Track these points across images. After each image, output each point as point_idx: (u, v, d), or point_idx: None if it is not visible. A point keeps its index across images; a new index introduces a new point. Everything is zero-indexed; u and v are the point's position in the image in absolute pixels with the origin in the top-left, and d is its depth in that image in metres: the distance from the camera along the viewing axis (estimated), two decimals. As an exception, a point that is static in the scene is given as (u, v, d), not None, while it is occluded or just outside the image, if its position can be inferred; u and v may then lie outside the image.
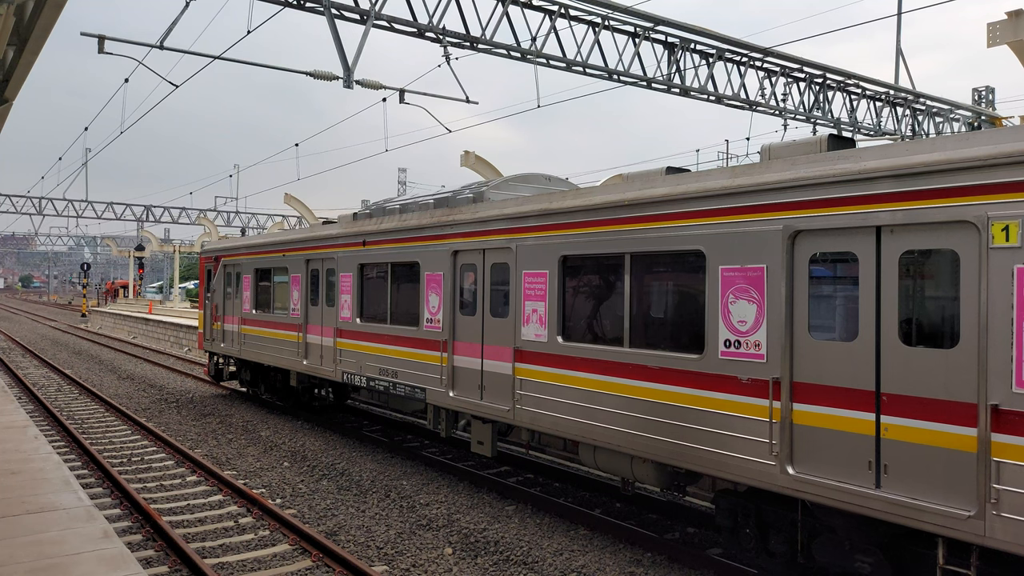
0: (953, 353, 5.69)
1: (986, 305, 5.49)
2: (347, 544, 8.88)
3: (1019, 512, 5.32)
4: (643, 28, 17.67)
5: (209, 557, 8.41)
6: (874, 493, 6.06)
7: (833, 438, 6.38)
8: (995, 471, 5.46)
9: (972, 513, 5.53)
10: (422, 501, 10.53)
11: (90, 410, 17.64)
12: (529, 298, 9.52)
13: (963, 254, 5.67)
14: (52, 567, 5.88)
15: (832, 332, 6.47)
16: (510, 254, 9.85)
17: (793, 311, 6.70)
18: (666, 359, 7.73)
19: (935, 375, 5.80)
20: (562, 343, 9.01)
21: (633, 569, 8.12)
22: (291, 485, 11.43)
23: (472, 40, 15.29)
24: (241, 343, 17.42)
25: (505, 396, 9.83)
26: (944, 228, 5.78)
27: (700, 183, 7.51)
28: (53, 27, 8.38)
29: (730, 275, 7.20)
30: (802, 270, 6.66)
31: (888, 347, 6.07)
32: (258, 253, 16.81)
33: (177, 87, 14.49)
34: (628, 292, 8.23)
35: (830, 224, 6.40)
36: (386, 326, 12.28)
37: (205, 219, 54.69)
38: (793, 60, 20.44)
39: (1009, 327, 5.38)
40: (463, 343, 10.64)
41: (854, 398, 6.27)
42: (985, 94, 25.54)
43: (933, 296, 5.96)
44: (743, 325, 7.07)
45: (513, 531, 9.30)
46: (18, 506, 7.36)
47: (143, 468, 12.37)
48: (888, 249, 6.10)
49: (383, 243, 12.43)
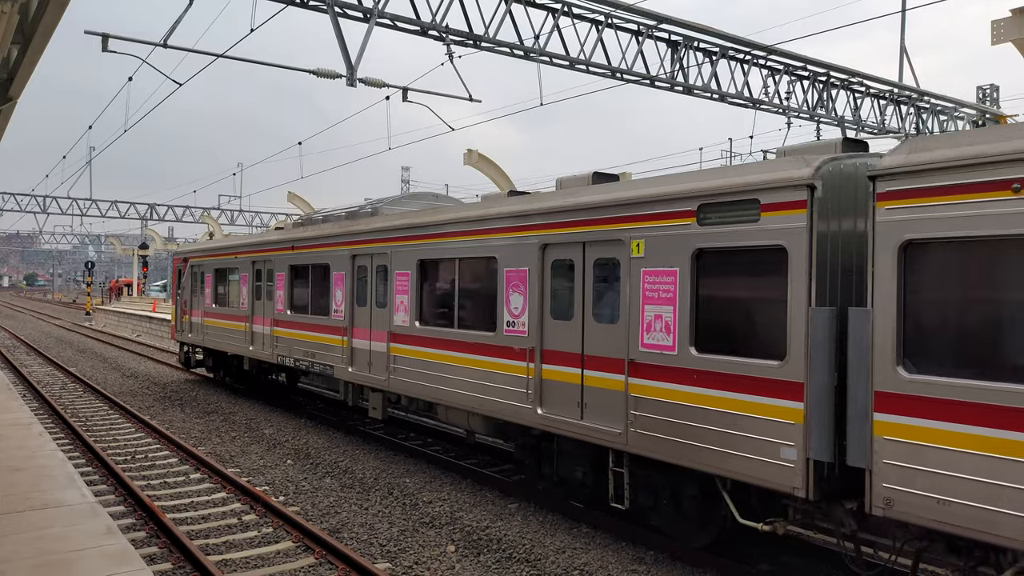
0: (617, 327, 8.35)
1: (628, 295, 8.19)
2: (350, 541, 8.90)
3: (645, 429, 7.98)
4: (646, 26, 17.65)
5: (213, 554, 8.43)
6: (580, 423, 8.77)
7: (563, 387, 9.07)
8: (632, 403, 8.11)
9: (620, 431, 8.23)
10: (425, 499, 10.54)
11: (94, 407, 17.69)
12: (399, 292, 12.04)
13: (621, 261, 8.32)
14: (56, 563, 5.90)
15: (562, 315, 9.10)
16: (387, 258, 12.36)
17: (542, 300, 9.36)
18: (477, 336, 10.39)
19: (609, 342, 8.45)
20: (419, 327, 11.54)
21: (635, 567, 8.13)
22: (294, 483, 11.46)
23: (475, 38, 15.29)
24: (204, 333, 19.95)
25: (383, 369, 12.32)
26: (613, 244, 8.46)
27: (496, 208, 10.26)
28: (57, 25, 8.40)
29: (510, 274, 9.85)
30: (547, 272, 9.34)
31: (587, 324, 8.75)
32: (217, 255, 19.39)
33: (181, 85, 14.52)
34: (457, 286, 10.91)
35: (561, 240, 9.09)
36: (307, 316, 14.79)
37: (209, 217, 54.75)
38: (797, 58, 20.41)
39: (639, 309, 8.08)
40: (359, 329, 13.08)
41: (572, 359, 8.96)
42: (990, 92, 25.47)
43: (609, 290, 8.54)
44: (516, 310, 9.73)
45: (516, 529, 9.31)
46: (22, 502, 7.39)
47: (147, 465, 12.40)
48: (588, 258, 8.79)
49: (305, 248, 14.96)
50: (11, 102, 11.63)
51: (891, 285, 6.04)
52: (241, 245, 18.07)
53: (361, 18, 14.00)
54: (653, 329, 7.94)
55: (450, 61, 14.89)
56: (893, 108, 23.46)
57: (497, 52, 15.95)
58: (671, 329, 7.75)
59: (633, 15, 17.14)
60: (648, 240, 8.01)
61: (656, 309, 7.91)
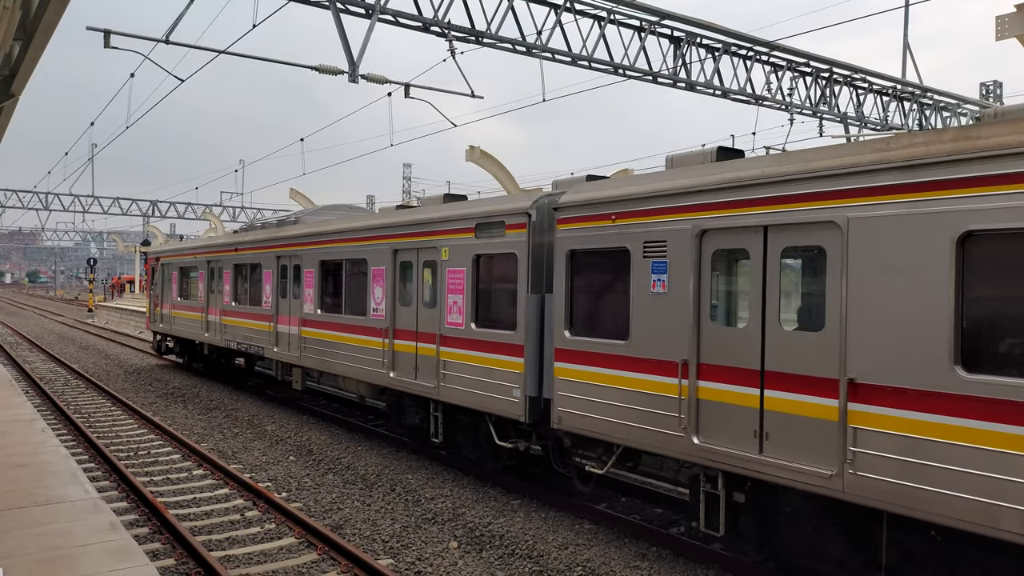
0: (435, 310, 11.13)
1: (440, 287, 10.96)
2: (353, 538, 8.90)
3: (448, 383, 10.80)
4: (649, 22, 17.61)
5: (216, 550, 8.44)
6: (415, 382, 11.50)
7: (406, 356, 11.85)
8: (442, 365, 10.91)
9: (434, 386, 11.10)
10: (427, 495, 10.55)
11: (96, 404, 17.71)
12: (307, 286, 14.88)
13: (438, 263, 11.10)
14: (59, 559, 5.90)
15: (406, 302, 11.91)
16: (300, 259, 15.21)
17: (394, 291, 12.11)
18: (355, 320, 13.20)
19: (430, 321, 11.24)
20: (320, 314, 14.40)
21: (638, 563, 8.13)
22: (297, 479, 11.46)
23: (477, 34, 15.26)
24: (172, 323, 23.11)
25: (297, 348, 15.24)
26: (433, 250, 11.21)
27: (366, 222, 13.11)
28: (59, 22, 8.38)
29: (375, 272, 12.62)
30: (397, 270, 12.06)
31: (419, 309, 11.58)
32: (181, 255, 22.59)
33: (183, 81, 14.52)
34: (344, 281, 13.67)
35: (406, 246, 11.82)
36: (246, 307, 17.74)
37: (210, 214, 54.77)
38: (799, 54, 20.35)
39: (445, 297, 10.85)
40: (282, 316, 16.02)
41: (411, 335, 11.75)
42: (993, 88, 25.40)
43: (430, 283, 11.32)
44: (378, 299, 12.53)
45: (518, 525, 9.31)
46: (25, 498, 7.40)
47: (150, 462, 12.42)
48: (420, 259, 11.58)
49: (245, 250, 17.90)
50: (13, 99, 11.61)
51: (563, 279, 8.98)
52: (199, 247, 21.30)
53: (363, 14, 13.98)
54: (453, 311, 10.79)
55: (452, 57, 14.86)
56: (896, 104, 23.39)
57: (499, 48, 15.92)
58: (462, 311, 10.57)
59: (635, 11, 17.11)
60: (451, 248, 10.82)
61: (454, 297, 10.76)
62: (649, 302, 7.91)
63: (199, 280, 20.77)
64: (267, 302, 16.52)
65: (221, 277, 19.24)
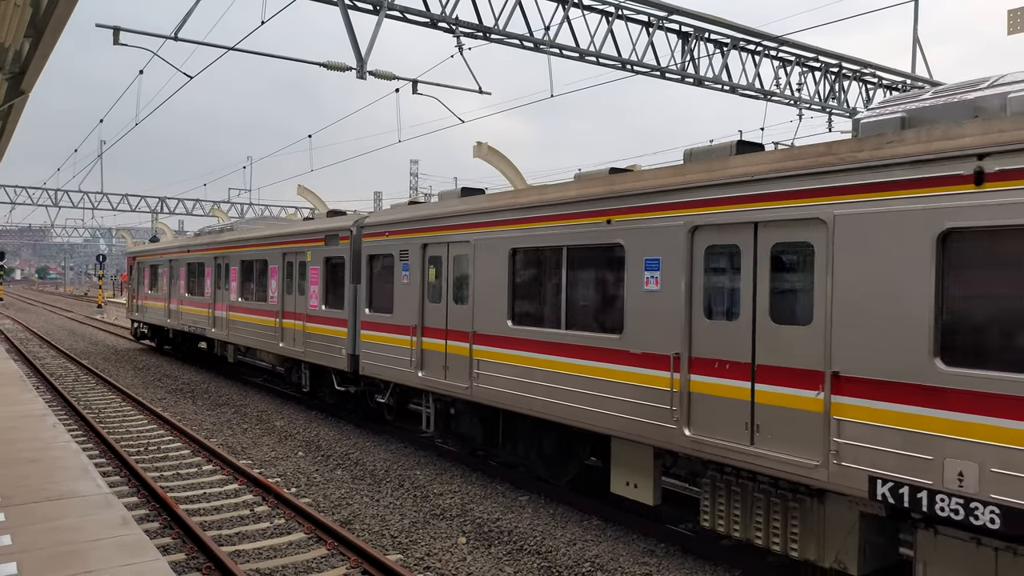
0: (304, 297, 15.45)
1: (307, 280, 15.37)
2: (362, 533, 8.93)
3: (310, 348, 15.25)
4: (657, 17, 17.55)
5: (226, 545, 8.48)
6: (307, 351, 15.35)
7: (293, 332, 16.04)
8: (306, 335, 15.31)
9: (303, 351, 15.53)
10: (436, 491, 10.57)
11: (107, 399, 17.81)
12: (232, 280, 19.22)
13: (307, 263, 15.37)
14: (72, 553, 5.94)
15: (291, 290, 16.09)
16: (228, 259, 19.57)
17: (286, 283, 16.23)
18: (261, 305, 17.35)
19: (301, 304, 15.64)
20: (240, 301, 18.70)
21: (647, 559, 8.13)
22: (305, 474, 11.50)
23: (485, 30, 15.24)
24: (145, 312, 27.90)
25: (226, 329, 19.55)
26: (301, 253, 15.58)
27: (266, 232, 17.61)
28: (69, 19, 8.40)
29: (272, 269, 16.95)
30: (286, 267, 16.28)
31: (296, 297, 15.92)
32: (152, 255, 27.24)
33: (192, 78, 14.54)
34: (255, 276, 17.95)
35: (289, 250, 16.23)
36: (195, 296, 22.21)
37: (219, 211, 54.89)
38: (808, 49, 20.25)
39: (308, 288, 15.25)
40: (218, 304, 20.22)
41: (300, 316, 15.78)
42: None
43: (303, 277, 15.65)
44: (274, 289, 16.82)
45: (527, 521, 9.32)
46: (38, 493, 7.45)
47: (160, 457, 12.48)
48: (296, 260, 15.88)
49: (194, 251, 22.37)
50: (23, 96, 11.66)
51: (366, 273, 13.43)
52: (163, 248, 26.31)
53: (371, 10, 13.97)
54: (313, 297, 15.11)
55: (460, 53, 14.84)
56: (906, 99, 23.23)
57: (507, 44, 15.89)
58: (316, 297, 14.96)
59: (643, 6, 17.05)
60: (312, 252, 15.18)
61: (313, 287, 15.12)
62: (404, 289, 12.28)
63: (164, 276, 25.46)
64: (207, 293, 20.94)
65: (178, 274, 23.81)
